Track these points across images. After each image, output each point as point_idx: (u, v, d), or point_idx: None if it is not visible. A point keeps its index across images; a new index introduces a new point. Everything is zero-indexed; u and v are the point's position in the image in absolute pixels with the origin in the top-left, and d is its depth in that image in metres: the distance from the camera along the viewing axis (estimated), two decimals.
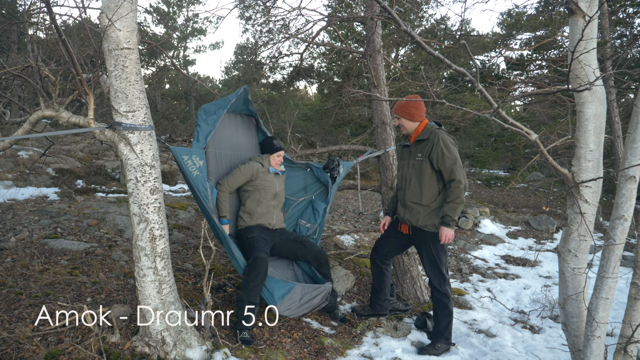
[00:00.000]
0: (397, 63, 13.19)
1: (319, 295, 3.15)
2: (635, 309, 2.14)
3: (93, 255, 3.86)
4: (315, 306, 3.16)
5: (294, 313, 3.05)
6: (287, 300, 2.98)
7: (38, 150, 8.67)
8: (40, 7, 3.81)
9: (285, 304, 2.97)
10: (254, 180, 3.36)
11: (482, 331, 3.51)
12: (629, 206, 2.03)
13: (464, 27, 12.32)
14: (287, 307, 2.99)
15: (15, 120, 3.34)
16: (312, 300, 3.12)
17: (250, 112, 3.79)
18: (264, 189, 3.37)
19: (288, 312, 3.01)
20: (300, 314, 3.09)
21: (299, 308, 3.05)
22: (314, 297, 3.12)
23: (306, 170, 3.97)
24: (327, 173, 3.82)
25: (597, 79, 2.06)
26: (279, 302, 2.95)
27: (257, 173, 3.36)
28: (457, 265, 5.54)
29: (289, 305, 2.99)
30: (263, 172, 3.40)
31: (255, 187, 3.36)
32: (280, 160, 3.53)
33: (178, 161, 2.92)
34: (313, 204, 3.87)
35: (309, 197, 3.94)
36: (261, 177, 3.38)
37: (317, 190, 3.95)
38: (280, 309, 2.96)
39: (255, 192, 3.36)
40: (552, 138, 4.01)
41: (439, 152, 2.91)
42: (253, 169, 3.35)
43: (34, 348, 2.28)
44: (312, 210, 3.82)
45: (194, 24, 21.20)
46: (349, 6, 7.07)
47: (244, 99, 3.57)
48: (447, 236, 2.90)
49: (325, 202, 3.81)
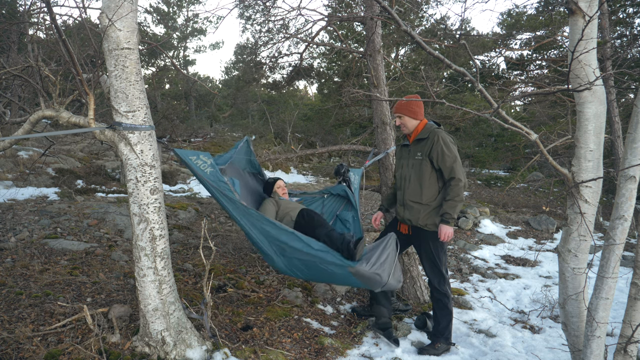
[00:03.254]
0: (397, 63, 13.19)
1: (389, 242, 2.86)
2: (635, 309, 2.14)
3: (93, 255, 3.86)
4: (393, 258, 2.83)
5: (380, 271, 2.71)
6: (365, 260, 2.69)
7: (38, 150, 8.67)
8: (40, 7, 3.81)
9: (365, 262, 2.68)
10: (280, 209, 3.65)
11: (482, 331, 3.51)
12: (629, 206, 2.03)
13: (464, 27, 12.32)
14: (369, 262, 2.68)
15: (15, 120, 3.34)
16: (387, 249, 2.81)
17: (255, 169, 4.00)
18: (291, 209, 3.62)
19: (374, 269, 2.69)
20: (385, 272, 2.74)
21: (381, 263, 2.73)
22: (386, 247, 2.83)
23: (323, 197, 4.11)
24: (340, 179, 3.89)
25: (597, 79, 2.06)
26: (358, 263, 2.67)
27: (277, 204, 3.69)
28: (457, 265, 5.54)
29: (369, 261, 2.69)
30: (281, 202, 3.72)
31: (285, 212, 3.62)
32: (283, 190, 3.86)
33: (187, 163, 2.83)
34: (340, 217, 3.98)
35: (335, 216, 4.03)
36: (283, 205, 3.68)
37: (340, 206, 4.04)
38: (364, 266, 2.65)
39: (287, 215, 3.60)
40: (552, 138, 4.01)
41: (439, 150, 2.92)
42: (272, 202, 3.68)
43: (34, 348, 2.28)
44: (342, 222, 3.93)
45: (194, 24, 21.19)
46: (349, 6, 7.07)
47: (246, 149, 3.76)
48: (446, 234, 2.90)
49: (352, 211, 3.87)
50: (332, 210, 4.04)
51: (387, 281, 2.75)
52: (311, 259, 2.77)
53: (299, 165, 14.53)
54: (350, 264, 2.66)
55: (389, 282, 2.76)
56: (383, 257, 2.76)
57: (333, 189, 4.00)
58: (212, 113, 22.34)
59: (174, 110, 16.14)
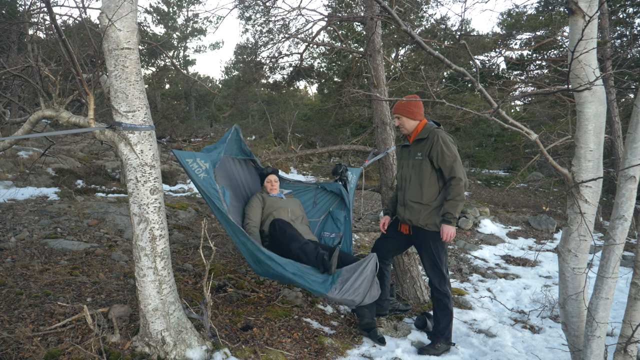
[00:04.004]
0: (397, 63, 13.19)
1: (367, 266, 2.89)
2: (635, 309, 2.14)
3: (93, 255, 3.86)
4: (370, 280, 2.87)
5: (353, 297, 2.78)
6: (339, 284, 2.76)
7: (38, 150, 8.67)
8: (40, 7, 3.81)
9: (338, 287, 2.75)
10: (265, 208, 3.64)
11: (482, 331, 3.51)
12: (629, 206, 2.03)
13: (464, 27, 12.32)
14: (342, 289, 2.75)
15: (15, 120, 3.34)
16: (364, 274, 2.84)
17: (246, 154, 3.96)
18: (275, 209, 3.60)
19: (347, 295, 2.76)
20: (359, 296, 2.81)
21: (355, 289, 2.79)
22: (364, 271, 2.85)
23: (316, 188, 4.09)
24: (337, 178, 3.88)
25: (597, 79, 2.06)
26: (331, 289, 2.74)
27: (264, 200, 3.67)
28: (457, 265, 5.54)
29: (343, 287, 2.76)
30: (268, 198, 3.69)
31: (268, 212, 3.61)
32: (272, 185, 3.78)
33: (183, 165, 2.90)
34: (332, 214, 3.97)
35: (327, 212, 4.02)
36: (268, 202, 3.66)
37: (334, 203, 4.03)
38: (335, 294, 2.73)
39: (270, 216, 3.59)
40: (552, 138, 4.01)
41: (438, 150, 2.92)
42: (258, 197, 3.67)
43: (34, 348, 2.28)
44: (333, 220, 3.93)
45: (194, 24, 21.20)
46: (349, 6, 7.07)
47: (235, 139, 3.73)
48: (448, 234, 2.90)
49: (344, 211, 3.86)
50: (326, 205, 4.03)
51: (361, 302, 2.87)
52: (285, 277, 2.94)
53: (299, 165, 14.54)
54: (322, 291, 2.77)
55: (363, 301, 2.88)
56: (358, 282, 2.84)
57: (328, 185, 4.00)
58: (212, 113, 22.35)
59: (174, 110, 16.15)
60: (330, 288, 2.77)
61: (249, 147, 3.94)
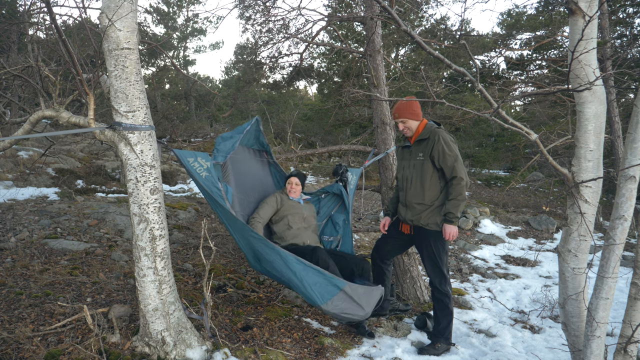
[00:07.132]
0: (397, 63, 13.18)
1: (373, 295, 2.86)
2: (635, 309, 2.14)
3: (93, 255, 3.86)
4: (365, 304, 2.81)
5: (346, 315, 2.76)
6: (337, 299, 2.71)
7: (38, 150, 8.67)
8: (40, 7, 3.81)
9: (335, 302, 2.70)
10: (280, 209, 3.64)
11: (482, 331, 3.51)
12: (629, 206, 2.03)
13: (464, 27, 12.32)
14: (339, 307, 2.71)
15: (15, 120, 3.33)
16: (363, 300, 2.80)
17: (262, 146, 3.93)
18: (291, 213, 3.60)
19: (338, 312, 2.73)
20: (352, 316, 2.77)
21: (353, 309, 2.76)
22: (367, 297, 2.82)
23: (321, 196, 4.08)
24: (337, 179, 3.89)
25: (597, 79, 2.06)
26: (327, 301, 2.69)
27: (281, 202, 3.67)
28: (457, 265, 5.54)
29: (340, 305, 2.72)
30: (286, 201, 3.69)
31: (283, 214, 3.61)
32: (294, 187, 3.74)
33: (184, 164, 2.88)
34: (332, 218, 3.99)
35: (328, 217, 4.03)
36: (286, 205, 3.66)
37: (335, 207, 4.04)
38: (330, 307, 2.69)
39: (285, 218, 3.59)
40: (552, 138, 4.02)
41: (440, 150, 2.92)
42: (276, 197, 3.67)
43: (34, 348, 2.28)
44: (332, 224, 3.95)
45: (194, 24, 21.19)
46: (349, 6, 7.07)
47: (255, 130, 3.74)
48: (450, 233, 2.91)
49: (344, 214, 3.89)
50: (328, 210, 4.05)
51: (349, 321, 2.91)
52: (284, 276, 2.87)
53: (299, 165, 14.53)
54: (319, 302, 2.70)
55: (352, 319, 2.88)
56: (354, 304, 2.78)
57: (330, 188, 4.01)
58: (212, 113, 22.34)
59: (174, 110, 16.14)
60: (326, 302, 2.69)
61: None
